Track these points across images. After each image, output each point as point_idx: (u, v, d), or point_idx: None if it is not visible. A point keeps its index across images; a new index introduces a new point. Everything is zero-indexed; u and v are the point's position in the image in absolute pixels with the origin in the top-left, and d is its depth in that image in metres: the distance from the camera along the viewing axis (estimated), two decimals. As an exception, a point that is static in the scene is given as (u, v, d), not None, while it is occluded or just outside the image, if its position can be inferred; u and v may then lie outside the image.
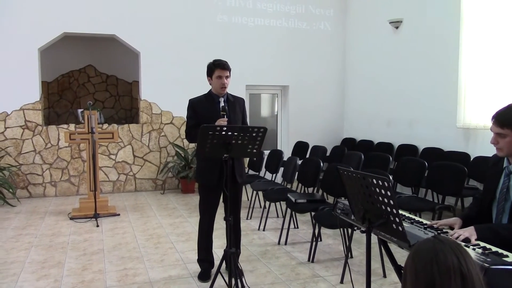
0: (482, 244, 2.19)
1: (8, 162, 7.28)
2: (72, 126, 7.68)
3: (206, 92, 3.98)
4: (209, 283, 3.56)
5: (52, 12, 7.34)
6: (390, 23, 7.60)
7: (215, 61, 3.86)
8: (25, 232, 5.44)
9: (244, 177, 3.99)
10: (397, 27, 7.54)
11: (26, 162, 7.43)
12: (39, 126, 7.46)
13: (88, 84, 10.30)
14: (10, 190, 6.94)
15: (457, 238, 2.27)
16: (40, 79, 7.59)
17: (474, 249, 2.11)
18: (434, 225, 2.53)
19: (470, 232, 2.29)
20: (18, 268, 4.22)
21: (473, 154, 5.94)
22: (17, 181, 7.38)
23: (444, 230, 2.48)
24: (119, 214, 6.27)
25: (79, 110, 9.09)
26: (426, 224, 2.60)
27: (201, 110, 3.85)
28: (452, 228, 2.51)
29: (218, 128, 3.17)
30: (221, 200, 3.94)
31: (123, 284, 3.83)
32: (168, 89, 7.99)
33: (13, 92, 7.23)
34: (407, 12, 7.36)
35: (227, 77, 3.83)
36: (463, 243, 2.19)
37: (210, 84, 3.91)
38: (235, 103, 3.96)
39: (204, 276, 3.90)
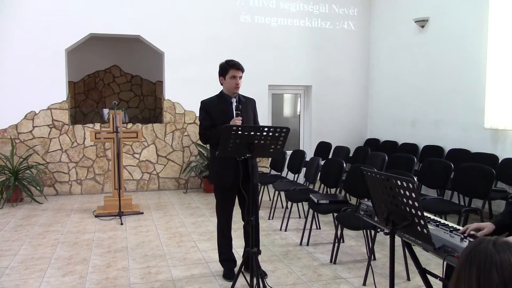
0: None
1: (36, 160, 7.46)
2: (97, 125, 7.81)
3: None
4: (230, 283, 3.57)
5: (79, 13, 7.49)
6: (415, 22, 7.47)
7: (229, 61, 3.86)
8: (51, 229, 5.56)
9: (257, 176, 4.03)
10: (422, 26, 7.40)
11: (53, 161, 7.59)
12: (66, 125, 7.62)
13: (113, 84, 10.48)
14: (38, 187, 7.11)
15: None
16: (67, 79, 7.76)
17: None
18: (465, 232, 2.40)
19: None
20: (45, 264, 4.31)
21: (501, 156, 5.79)
22: (44, 179, 7.56)
23: (471, 233, 2.42)
24: (142, 213, 6.35)
25: (105, 110, 9.26)
26: (452, 226, 2.54)
27: (214, 111, 3.86)
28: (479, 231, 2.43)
29: (235, 128, 3.18)
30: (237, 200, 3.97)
31: (146, 281, 3.87)
32: (192, 89, 8.04)
33: (41, 92, 7.41)
34: (433, 11, 7.22)
35: (240, 77, 3.84)
36: None
37: (221, 84, 3.93)
38: (247, 103, 3.97)
39: (230, 274, 3.89)
